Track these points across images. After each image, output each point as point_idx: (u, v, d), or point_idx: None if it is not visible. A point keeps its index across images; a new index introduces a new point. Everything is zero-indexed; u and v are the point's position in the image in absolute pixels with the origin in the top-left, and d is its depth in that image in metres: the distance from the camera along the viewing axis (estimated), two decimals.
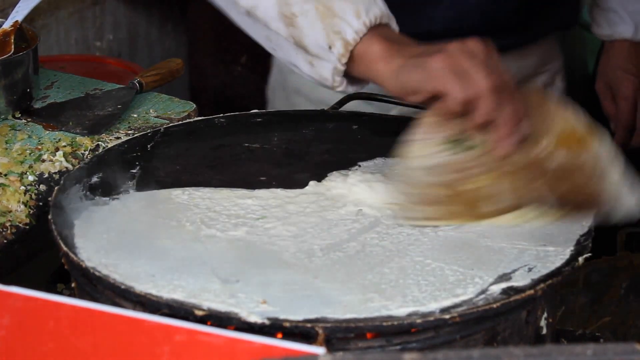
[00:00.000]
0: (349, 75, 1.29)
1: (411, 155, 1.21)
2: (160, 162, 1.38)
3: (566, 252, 1.19)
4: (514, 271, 1.15)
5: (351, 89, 1.30)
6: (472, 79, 1.17)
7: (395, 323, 1.05)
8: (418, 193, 1.21)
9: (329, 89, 1.29)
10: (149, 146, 1.42)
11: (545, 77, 1.84)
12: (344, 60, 1.26)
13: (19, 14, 1.64)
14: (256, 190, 1.31)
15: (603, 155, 1.22)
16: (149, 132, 1.46)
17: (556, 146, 1.21)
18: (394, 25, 1.29)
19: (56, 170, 1.46)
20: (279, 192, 1.31)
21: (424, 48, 1.22)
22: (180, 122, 1.53)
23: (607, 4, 1.89)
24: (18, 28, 1.63)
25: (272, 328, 1.04)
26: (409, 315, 1.06)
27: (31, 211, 1.40)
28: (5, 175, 1.44)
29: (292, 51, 1.30)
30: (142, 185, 1.32)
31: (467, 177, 1.20)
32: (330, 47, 1.25)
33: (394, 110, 1.67)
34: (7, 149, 1.51)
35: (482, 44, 1.20)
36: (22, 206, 1.40)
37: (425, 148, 1.21)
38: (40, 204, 1.41)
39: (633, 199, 1.23)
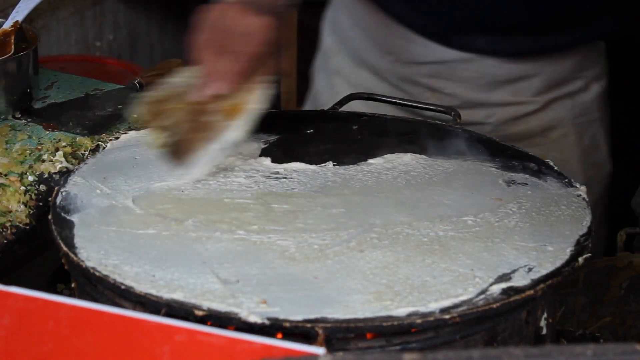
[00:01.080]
0: None
1: (179, 71, 1.40)
2: (160, 162, 1.38)
3: (566, 252, 1.19)
4: (513, 271, 1.15)
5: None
6: (206, 35, 1.33)
7: (395, 323, 1.05)
8: (152, 93, 1.40)
9: None
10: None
11: (580, 83, 1.81)
12: None
13: (19, 14, 1.64)
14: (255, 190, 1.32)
15: (230, 130, 1.34)
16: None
17: (223, 108, 1.35)
18: None
19: (56, 171, 1.46)
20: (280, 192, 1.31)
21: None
22: None
23: None
24: (18, 28, 1.63)
25: (272, 328, 1.04)
26: (409, 315, 1.06)
27: (31, 211, 1.40)
28: (6, 175, 1.44)
29: None
30: (141, 185, 1.32)
31: (174, 99, 1.37)
32: None
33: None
34: (7, 149, 1.51)
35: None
36: (22, 206, 1.40)
37: (189, 71, 1.38)
38: (40, 204, 1.41)
39: (200, 170, 1.34)
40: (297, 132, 1.49)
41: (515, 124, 1.77)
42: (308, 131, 1.49)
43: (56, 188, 1.32)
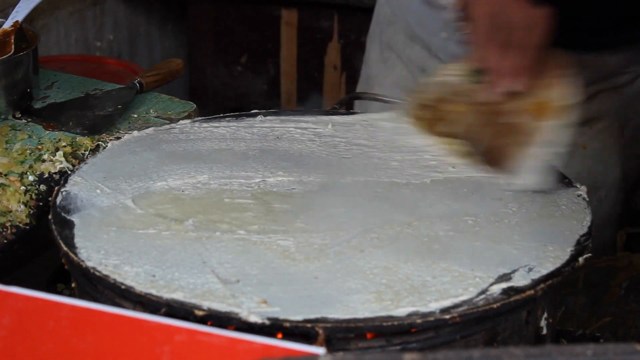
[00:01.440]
0: None
1: (444, 69, 1.37)
2: (159, 162, 1.38)
3: (566, 252, 1.19)
4: (514, 271, 1.15)
5: None
6: (487, 31, 1.30)
7: (396, 323, 1.05)
8: (420, 95, 1.36)
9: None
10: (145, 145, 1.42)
11: (625, 78, 1.79)
12: None
13: (19, 14, 1.64)
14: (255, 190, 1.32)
15: (548, 131, 1.29)
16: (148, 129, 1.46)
17: (529, 109, 1.30)
18: None
19: (56, 170, 1.46)
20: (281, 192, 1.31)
21: None
22: (183, 121, 1.53)
23: None
24: (18, 28, 1.63)
25: (272, 328, 1.04)
26: (409, 315, 1.06)
27: (31, 211, 1.40)
28: (6, 175, 1.44)
29: None
30: (141, 185, 1.32)
31: (455, 100, 1.33)
32: None
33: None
34: (7, 149, 1.51)
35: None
36: (22, 206, 1.40)
37: (456, 68, 1.35)
38: (41, 204, 1.41)
39: (532, 178, 1.31)
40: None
41: None
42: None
43: (56, 188, 1.31)
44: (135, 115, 1.64)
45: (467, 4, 1.35)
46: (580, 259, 1.19)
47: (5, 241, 1.36)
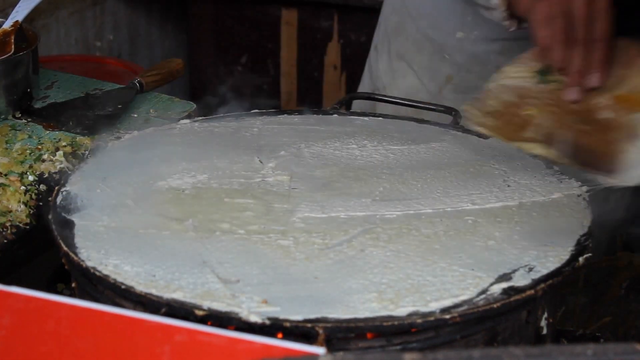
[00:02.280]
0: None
1: (504, 72, 1.32)
2: (159, 162, 1.38)
3: (566, 252, 1.19)
4: (514, 271, 1.15)
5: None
6: (551, 29, 1.29)
7: (396, 323, 1.05)
8: (486, 102, 1.32)
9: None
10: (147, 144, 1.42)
11: None
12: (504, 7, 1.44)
13: (19, 14, 1.64)
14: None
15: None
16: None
17: (613, 102, 1.26)
18: None
19: (56, 170, 1.46)
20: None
21: None
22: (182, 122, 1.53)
23: None
24: (18, 28, 1.63)
25: (272, 328, 1.04)
26: (409, 315, 1.06)
27: (31, 211, 1.40)
28: (6, 175, 1.44)
29: None
30: (141, 185, 1.32)
31: (528, 103, 1.29)
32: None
33: None
34: (7, 148, 1.51)
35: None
36: (23, 206, 1.40)
37: (518, 70, 1.32)
38: (41, 203, 1.41)
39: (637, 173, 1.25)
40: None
41: None
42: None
43: (56, 188, 1.31)
44: (135, 115, 1.64)
45: (519, 2, 1.35)
46: (581, 259, 1.19)
47: (5, 241, 1.36)
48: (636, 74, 1.28)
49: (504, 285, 1.12)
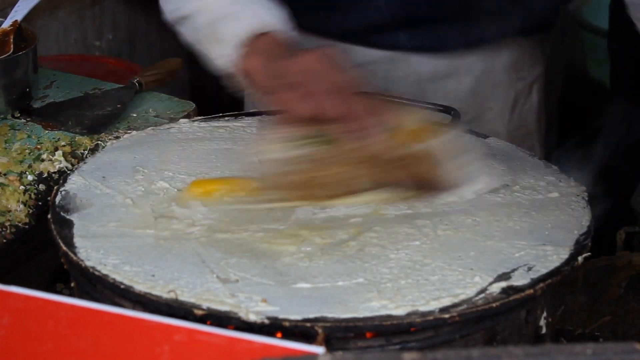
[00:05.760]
0: None
1: (268, 150, 1.29)
2: (159, 161, 1.38)
3: (566, 252, 1.19)
4: (513, 271, 1.15)
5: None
6: (314, 95, 1.25)
7: (395, 322, 1.05)
8: (273, 180, 1.29)
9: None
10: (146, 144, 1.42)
11: (521, 86, 1.76)
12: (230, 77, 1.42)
13: (18, 13, 1.64)
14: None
15: (439, 147, 1.29)
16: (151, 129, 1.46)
17: (396, 139, 1.28)
18: (279, 27, 1.38)
19: (55, 170, 1.46)
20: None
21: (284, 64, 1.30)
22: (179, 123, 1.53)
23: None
24: (17, 28, 1.63)
25: (271, 327, 1.04)
26: (409, 314, 1.06)
27: (31, 211, 1.40)
28: (5, 174, 1.44)
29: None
30: (141, 185, 1.32)
31: (323, 165, 1.28)
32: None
33: None
34: (6, 148, 1.51)
35: (323, 53, 1.29)
36: (22, 206, 1.40)
37: (281, 144, 1.29)
38: (40, 203, 1.41)
39: (479, 183, 1.31)
40: None
41: None
42: None
43: (55, 187, 1.31)
44: (135, 115, 1.64)
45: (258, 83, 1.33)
46: (580, 258, 1.19)
47: (4, 241, 1.36)
48: (400, 113, 1.31)
49: (503, 284, 1.12)
